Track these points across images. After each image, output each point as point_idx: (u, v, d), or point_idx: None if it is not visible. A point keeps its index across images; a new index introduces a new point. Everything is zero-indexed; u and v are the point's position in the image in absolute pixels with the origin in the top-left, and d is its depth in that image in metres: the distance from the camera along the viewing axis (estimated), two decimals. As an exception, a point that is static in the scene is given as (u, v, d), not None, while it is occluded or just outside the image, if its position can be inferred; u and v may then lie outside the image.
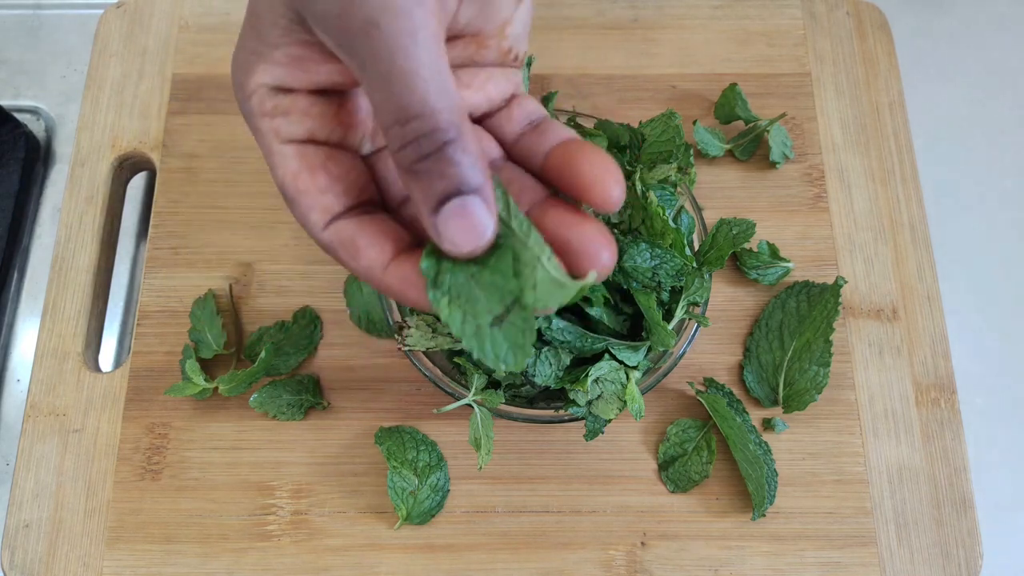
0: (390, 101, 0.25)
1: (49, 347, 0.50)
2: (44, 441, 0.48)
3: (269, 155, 0.29)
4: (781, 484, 0.47)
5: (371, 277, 0.28)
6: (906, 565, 0.46)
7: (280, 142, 0.28)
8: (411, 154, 0.25)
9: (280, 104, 0.28)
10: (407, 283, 0.27)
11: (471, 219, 0.25)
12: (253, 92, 0.28)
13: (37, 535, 0.46)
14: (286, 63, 0.28)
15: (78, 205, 0.53)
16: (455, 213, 0.25)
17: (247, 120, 0.29)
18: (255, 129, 0.29)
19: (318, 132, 0.29)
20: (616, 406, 0.42)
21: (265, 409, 0.48)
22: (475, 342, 0.25)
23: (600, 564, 0.46)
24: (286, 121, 0.28)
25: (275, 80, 0.28)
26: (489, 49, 0.32)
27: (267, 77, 0.28)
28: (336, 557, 0.46)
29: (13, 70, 0.62)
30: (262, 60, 0.28)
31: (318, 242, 0.29)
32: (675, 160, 0.46)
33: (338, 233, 0.28)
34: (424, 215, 0.26)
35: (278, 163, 0.28)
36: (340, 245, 0.28)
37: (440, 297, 0.26)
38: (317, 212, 0.28)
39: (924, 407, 0.49)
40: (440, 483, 0.47)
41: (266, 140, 0.29)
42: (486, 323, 0.24)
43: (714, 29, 0.58)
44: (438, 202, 0.25)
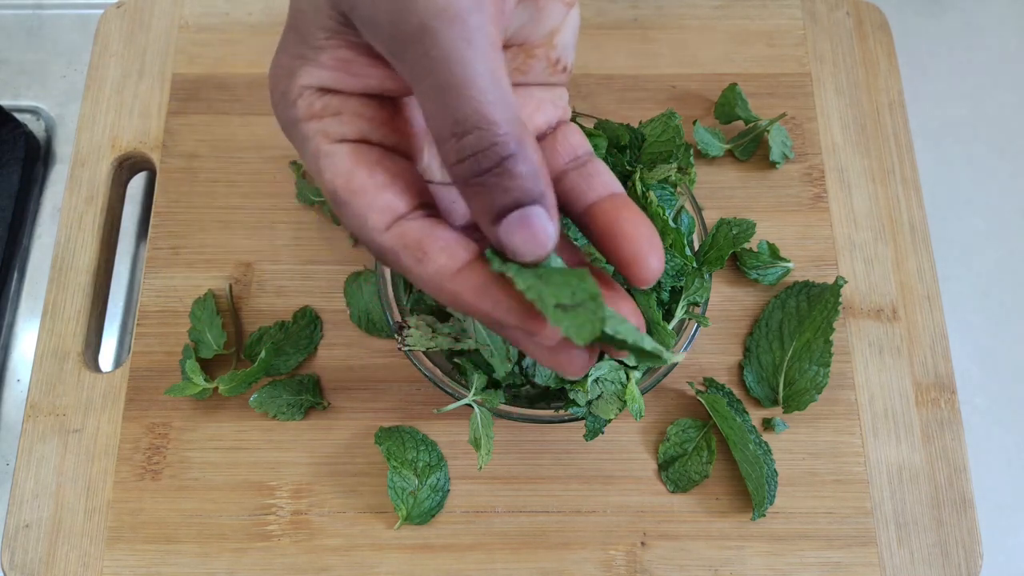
0: (445, 112, 0.24)
1: (49, 347, 0.50)
2: (44, 441, 0.48)
3: (317, 158, 0.26)
4: (781, 484, 0.47)
5: (439, 285, 0.26)
6: (906, 565, 0.46)
7: (330, 142, 0.26)
8: (468, 169, 0.24)
9: (330, 104, 0.27)
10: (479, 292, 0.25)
11: (533, 230, 0.24)
12: (299, 95, 0.27)
13: (37, 535, 0.46)
14: (333, 66, 0.26)
15: (78, 205, 0.53)
16: (517, 225, 0.24)
17: (289, 129, 0.27)
18: (300, 136, 0.27)
19: (371, 134, 0.27)
20: (616, 406, 0.42)
21: (265, 409, 0.48)
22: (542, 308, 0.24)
23: (600, 564, 0.46)
24: (336, 121, 0.27)
25: (321, 82, 0.27)
26: (537, 60, 0.30)
27: (312, 79, 0.27)
28: (336, 557, 0.46)
29: (13, 70, 0.62)
30: (307, 63, 0.27)
31: (376, 247, 0.26)
32: (675, 160, 0.46)
33: (403, 236, 0.26)
34: (486, 228, 0.25)
35: (327, 165, 0.26)
36: (404, 248, 0.26)
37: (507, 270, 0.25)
38: (377, 212, 0.26)
39: (924, 407, 0.49)
40: (440, 483, 0.47)
41: (313, 143, 0.26)
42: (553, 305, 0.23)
43: (714, 29, 0.58)
44: (498, 215, 0.24)
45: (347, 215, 0.26)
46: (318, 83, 0.27)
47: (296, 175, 0.53)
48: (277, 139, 0.54)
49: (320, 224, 0.53)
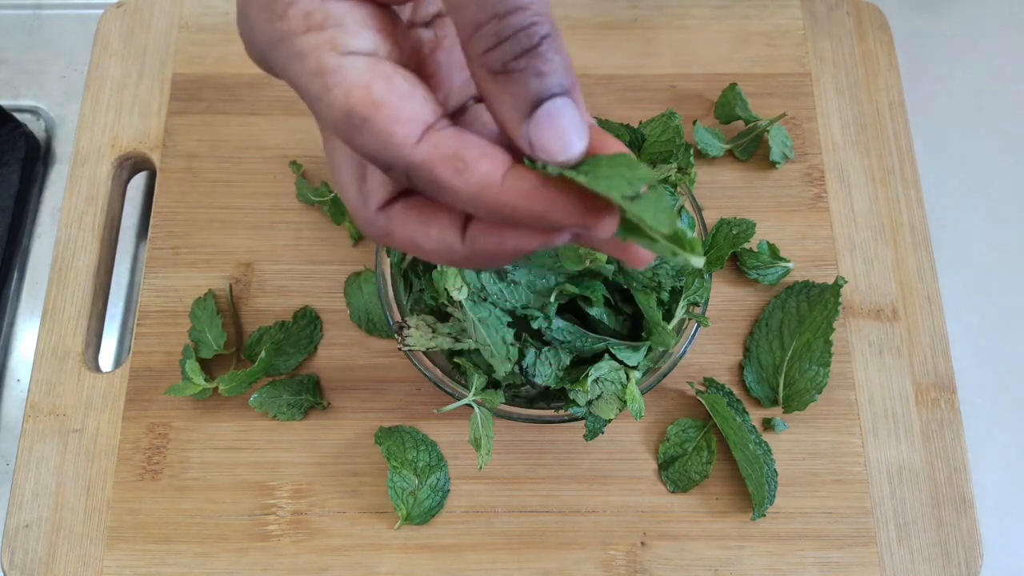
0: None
1: (49, 347, 0.50)
2: (44, 441, 0.48)
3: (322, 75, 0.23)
4: (781, 484, 0.47)
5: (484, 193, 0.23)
6: (906, 565, 0.46)
7: (340, 54, 0.23)
8: (509, 51, 0.22)
9: (333, 12, 0.23)
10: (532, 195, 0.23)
11: (565, 123, 0.23)
12: (290, 4, 0.23)
13: (37, 535, 0.46)
14: None
15: (78, 205, 0.53)
16: (549, 116, 0.23)
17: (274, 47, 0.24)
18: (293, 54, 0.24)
19: (380, 48, 0.24)
20: (616, 406, 0.42)
21: (265, 409, 0.48)
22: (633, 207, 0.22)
23: (600, 564, 0.46)
24: (343, 32, 0.23)
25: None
26: None
27: None
28: (336, 557, 0.46)
29: (13, 70, 0.62)
30: None
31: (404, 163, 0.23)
32: (675, 160, 0.46)
33: (437, 146, 0.23)
34: (514, 124, 0.23)
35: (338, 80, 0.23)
36: (442, 159, 0.23)
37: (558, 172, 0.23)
38: (404, 123, 0.23)
39: (924, 407, 0.49)
40: (440, 483, 0.47)
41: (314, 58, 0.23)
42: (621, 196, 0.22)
43: (714, 29, 0.58)
44: (532, 105, 0.22)
45: (368, 133, 0.23)
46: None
47: (296, 175, 0.53)
48: (277, 139, 0.54)
49: (320, 224, 0.53)
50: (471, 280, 0.39)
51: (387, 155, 0.23)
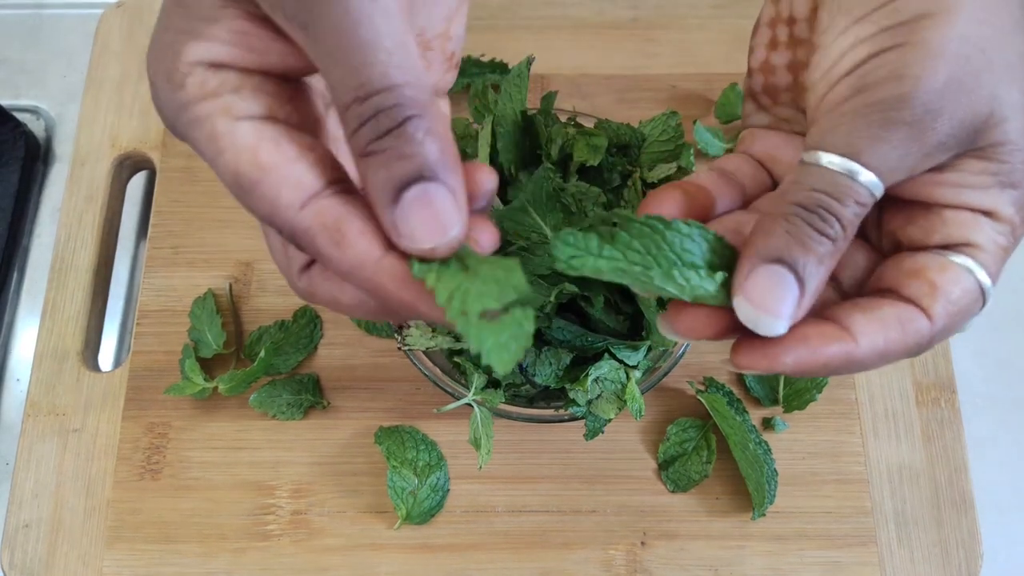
0: (349, 77, 0.22)
1: (49, 346, 0.50)
2: (44, 441, 0.48)
3: (214, 140, 0.23)
4: (781, 484, 0.47)
5: (356, 271, 0.23)
6: (906, 565, 0.46)
7: (233, 119, 0.23)
8: (369, 133, 0.22)
9: (228, 80, 0.24)
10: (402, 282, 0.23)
11: (434, 209, 0.22)
12: (187, 74, 0.23)
13: (37, 535, 0.46)
14: (228, 40, 0.24)
15: (78, 204, 0.53)
16: (417, 201, 0.22)
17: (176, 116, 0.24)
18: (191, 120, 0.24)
19: (277, 112, 0.24)
20: (616, 405, 0.42)
21: (265, 409, 0.48)
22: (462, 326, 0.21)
23: (600, 564, 0.46)
24: (237, 98, 0.23)
25: (213, 57, 0.24)
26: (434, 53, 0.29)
27: (203, 53, 0.23)
28: (336, 557, 0.46)
29: (13, 70, 0.62)
30: (196, 37, 0.23)
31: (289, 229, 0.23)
32: (675, 160, 0.46)
33: (320, 214, 0.23)
34: (382, 210, 0.22)
35: (229, 144, 0.23)
36: (322, 229, 0.23)
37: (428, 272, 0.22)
38: (289, 188, 0.23)
39: (924, 407, 0.49)
40: (440, 483, 0.46)
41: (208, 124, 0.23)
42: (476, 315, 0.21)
43: (714, 29, 0.58)
44: (396, 189, 0.22)
45: (256, 196, 0.23)
46: (211, 58, 0.24)
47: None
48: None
49: (320, 224, 0.53)
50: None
51: (273, 218, 0.23)
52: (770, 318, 0.24)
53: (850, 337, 0.25)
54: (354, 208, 0.23)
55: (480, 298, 0.21)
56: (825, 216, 0.24)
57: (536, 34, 0.57)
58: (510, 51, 0.56)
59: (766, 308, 0.24)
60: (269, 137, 0.23)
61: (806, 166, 0.25)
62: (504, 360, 0.21)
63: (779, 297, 0.24)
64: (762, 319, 0.24)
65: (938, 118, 0.24)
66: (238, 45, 0.24)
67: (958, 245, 0.26)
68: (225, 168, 0.23)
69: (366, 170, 0.22)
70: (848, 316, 0.25)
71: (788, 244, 0.24)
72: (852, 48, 0.26)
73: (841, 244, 0.25)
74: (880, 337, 0.25)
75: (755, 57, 0.32)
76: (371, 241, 0.23)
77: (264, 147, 0.23)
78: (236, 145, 0.23)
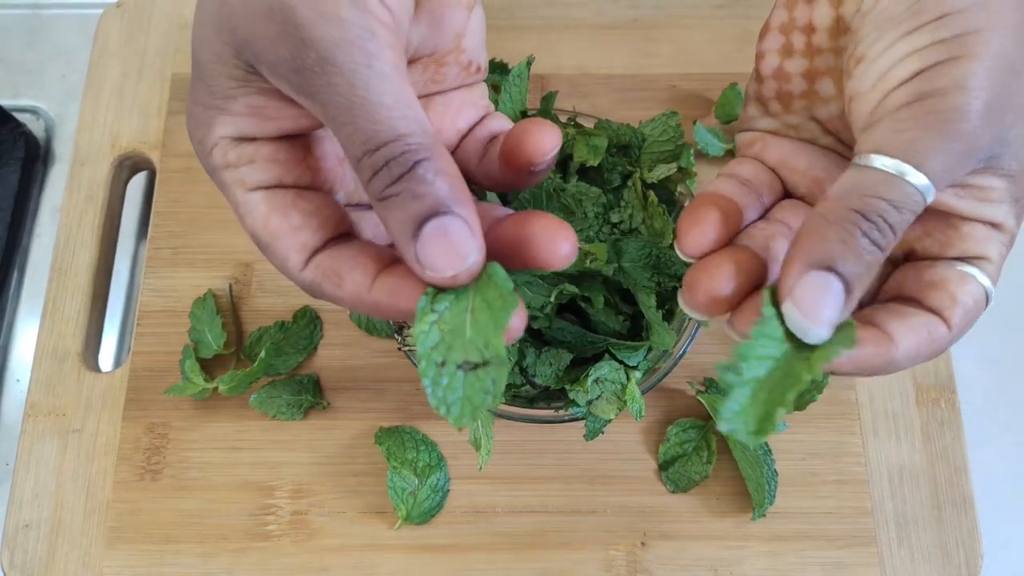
0: (357, 134, 0.24)
1: (49, 347, 0.50)
2: (44, 441, 0.48)
3: (236, 207, 0.27)
4: (781, 484, 0.47)
5: (359, 300, 0.26)
6: (906, 565, 0.46)
7: (246, 190, 0.27)
8: (383, 181, 0.24)
9: (244, 153, 0.27)
10: (396, 294, 0.25)
11: (451, 239, 0.24)
12: (214, 145, 0.27)
13: (37, 535, 0.46)
14: (246, 113, 0.27)
15: (78, 205, 0.53)
16: (434, 234, 0.24)
17: (212, 176, 0.28)
18: (221, 184, 0.28)
19: (285, 177, 0.28)
20: (616, 406, 0.42)
21: (265, 409, 0.48)
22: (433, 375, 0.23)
23: (600, 564, 0.46)
24: (251, 169, 0.27)
25: (236, 131, 0.27)
26: (448, 67, 0.31)
27: (228, 129, 0.27)
28: (336, 557, 0.46)
29: (13, 70, 0.62)
30: (220, 113, 0.27)
31: (302, 286, 0.27)
32: (675, 160, 0.46)
33: (319, 268, 0.27)
34: (404, 247, 0.24)
35: (247, 212, 0.27)
36: (324, 279, 0.27)
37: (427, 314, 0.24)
38: (295, 252, 0.27)
39: (924, 407, 0.49)
40: (440, 483, 0.47)
41: (232, 192, 0.27)
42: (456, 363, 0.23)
43: (714, 29, 0.58)
44: (415, 226, 0.24)
45: (272, 259, 0.27)
46: (234, 132, 0.27)
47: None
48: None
49: (320, 224, 0.53)
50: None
51: (286, 274, 0.27)
52: (818, 327, 0.25)
53: (891, 342, 0.27)
54: (345, 254, 0.27)
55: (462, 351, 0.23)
56: (882, 226, 0.25)
57: (536, 34, 0.57)
58: (510, 51, 0.56)
59: (815, 317, 0.24)
60: (278, 208, 0.27)
61: (861, 169, 0.26)
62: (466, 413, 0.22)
63: (827, 305, 0.24)
64: (812, 328, 0.25)
65: (986, 131, 0.25)
66: (256, 116, 0.27)
67: (972, 258, 0.28)
68: (247, 229, 0.28)
69: (386, 215, 0.24)
70: (887, 322, 0.27)
71: (842, 252, 0.24)
72: (906, 57, 0.26)
73: (888, 251, 0.25)
74: (914, 343, 0.27)
75: (766, 63, 0.32)
76: (363, 272, 0.26)
77: (273, 218, 0.27)
78: (251, 213, 0.27)
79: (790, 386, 0.24)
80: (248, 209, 0.27)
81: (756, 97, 0.33)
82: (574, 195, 0.42)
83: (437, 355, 0.23)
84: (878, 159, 0.25)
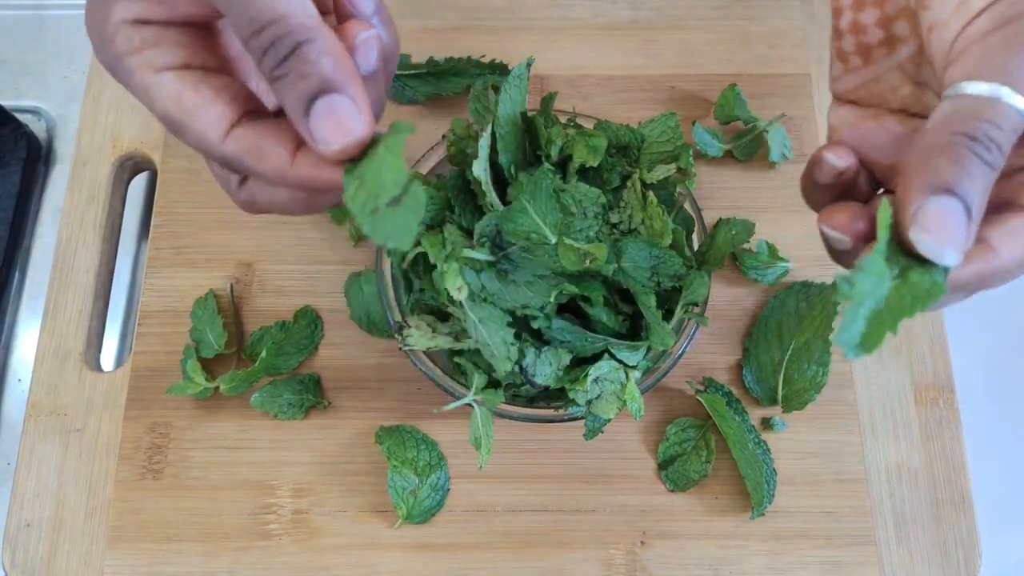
0: (244, 14, 0.26)
1: (50, 347, 0.50)
2: (45, 441, 0.48)
3: (145, 90, 0.28)
4: (780, 483, 0.47)
5: (281, 174, 0.28)
6: (905, 564, 0.46)
7: (155, 72, 0.28)
8: (270, 60, 0.26)
9: (148, 36, 0.28)
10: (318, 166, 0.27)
11: (338, 116, 0.26)
12: (115, 31, 0.28)
13: (38, 534, 0.46)
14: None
15: (79, 205, 0.53)
16: (323, 113, 0.26)
17: (113, 66, 0.29)
18: (125, 72, 0.28)
19: (192, 60, 0.29)
20: (615, 405, 0.42)
21: (266, 408, 0.48)
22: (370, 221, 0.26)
23: (600, 563, 0.46)
24: (157, 52, 0.28)
25: (135, 14, 0.28)
26: None
27: (127, 13, 0.28)
28: (337, 556, 0.46)
29: (14, 70, 0.62)
30: None
31: (220, 157, 0.28)
32: (675, 161, 0.46)
33: (239, 141, 0.28)
34: (298, 123, 0.26)
35: (156, 94, 0.28)
36: (245, 153, 0.28)
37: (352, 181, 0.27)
38: (212, 125, 0.28)
39: (923, 406, 0.49)
40: (440, 482, 0.47)
41: (138, 76, 0.28)
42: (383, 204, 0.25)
43: (714, 30, 0.58)
44: (306, 104, 0.26)
45: (188, 135, 0.28)
46: (132, 16, 0.28)
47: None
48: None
49: (321, 224, 0.53)
50: (471, 280, 0.39)
51: (205, 151, 0.28)
52: (951, 250, 0.25)
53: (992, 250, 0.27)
54: (264, 129, 0.28)
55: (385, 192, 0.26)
56: (988, 145, 0.25)
57: (536, 35, 0.58)
58: (510, 52, 0.56)
59: (945, 240, 0.25)
60: (189, 84, 0.28)
61: (956, 99, 0.26)
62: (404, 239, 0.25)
63: (954, 227, 0.25)
64: (946, 251, 0.25)
65: None
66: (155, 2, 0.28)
67: None
68: (159, 112, 0.28)
69: (278, 92, 0.26)
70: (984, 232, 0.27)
71: (956, 174, 0.25)
72: None
73: (998, 171, 0.26)
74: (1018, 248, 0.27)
75: (843, 20, 0.33)
76: (285, 148, 0.28)
77: (185, 94, 0.28)
78: (162, 94, 0.28)
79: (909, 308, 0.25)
80: (158, 90, 0.28)
81: (837, 55, 0.34)
82: (574, 195, 0.42)
83: (368, 206, 0.26)
84: (971, 86, 0.26)
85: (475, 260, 0.40)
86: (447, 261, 0.39)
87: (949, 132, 0.26)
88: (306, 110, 0.26)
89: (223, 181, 0.32)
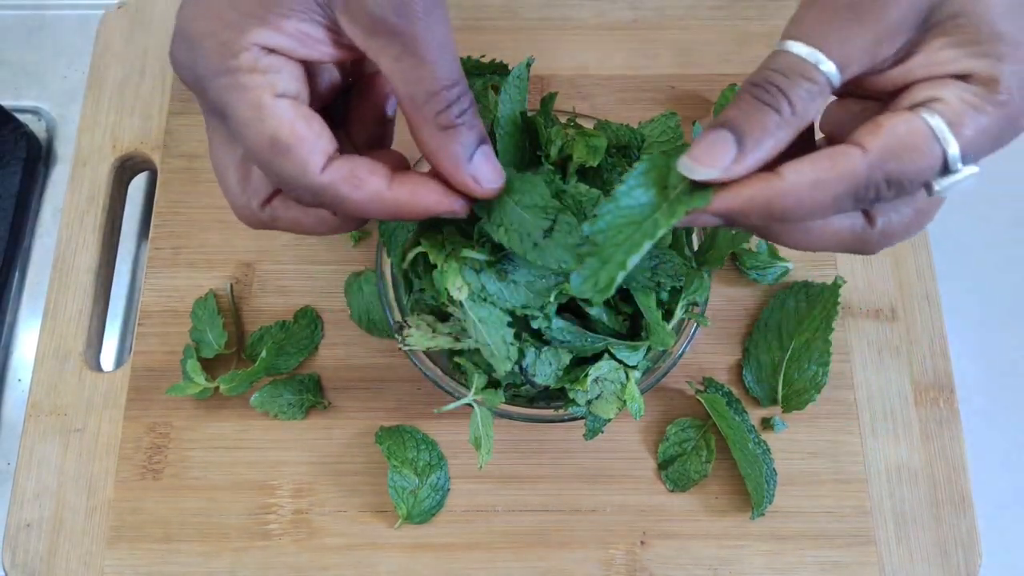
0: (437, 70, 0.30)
1: (50, 347, 0.50)
2: (45, 441, 0.48)
3: (259, 108, 0.30)
4: (780, 483, 0.47)
5: (380, 199, 0.31)
6: (905, 564, 0.46)
7: (274, 95, 0.30)
8: (456, 111, 0.30)
9: (274, 63, 0.30)
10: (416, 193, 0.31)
11: (492, 162, 0.32)
12: (244, 49, 0.29)
13: (38, 534, 0.46)
14: (293, 35, 0.30)
15: (79, 205, 0.53)
16: (484, 159, 0.32)
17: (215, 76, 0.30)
18: (238, 85, 0.30)
19: (300, 95, 0.31)
20: (615, 405, 0.42)
21: (266, 408, 0.48)
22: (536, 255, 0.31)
23: (600, 563, 0.46)
24: (280, 78, 0.30)
25: (274, 45, 0.30)
26: None
27: (267, 40, 0.30)
28: (336, 556, 0.46)
29: (14, 70, 0.62)
30: (264, 24, 0.29)
31: (315, 186, 0.30)
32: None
33: (338, 171, 0.30)
34: (459, 168, 0.31)
35: (270, 114, 0.30)
36: (342, 180, 0.30)
37: (496, 228, 0.32)
38: (317, 155, 0.30)
39: (923, 407, 0.49)
40: (440, 482, 0.47)
41: (255, 94, 0.30)
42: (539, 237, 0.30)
43: (714, 29, 0.58)
44: (471, 152, 0.31)
45: (288, 160, 0.30)
46: (272, 44, 0.30)
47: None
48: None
49: (321, 224, 0.53)
50: (471, 280, 0.39)
51: (301, 179, 0.30)
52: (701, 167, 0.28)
53: (775, 175, 0.28)
54: (359, 162, 0.31)
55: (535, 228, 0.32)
56: (770, 89, 0.28)
57: (536, 35, 0.58)
58: (510, 52, 0.56)
59: (696, 157, 0.28)
60: (302, 115, 0.30)
61: (775, 53, 0.29)
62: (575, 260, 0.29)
63: (712, 147, 0.28)
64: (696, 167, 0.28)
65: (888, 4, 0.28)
66: (298, 41, 0.30)
67: (922, 103, 0.28)
68: (262, 131, 0.30)
69: (448, 138, 0.31)
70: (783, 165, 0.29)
71: (734, 113, 0.28)
72: None
73: (792, 120, 0.28)
74: (808, 169, 0.28)
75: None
76: (380, 176, 0.31)
77: (298, 123, 0.30)
78: (277, 116, 0.30)
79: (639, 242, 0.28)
80: (271, 113, 0.30)
81: None
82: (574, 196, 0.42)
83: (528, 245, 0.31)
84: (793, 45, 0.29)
85: (475, 260, 0.39)
86: (447, 261, 0.39)
87: (747, 82, 0.29)
88: (472, 155, 0.31)
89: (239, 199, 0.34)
